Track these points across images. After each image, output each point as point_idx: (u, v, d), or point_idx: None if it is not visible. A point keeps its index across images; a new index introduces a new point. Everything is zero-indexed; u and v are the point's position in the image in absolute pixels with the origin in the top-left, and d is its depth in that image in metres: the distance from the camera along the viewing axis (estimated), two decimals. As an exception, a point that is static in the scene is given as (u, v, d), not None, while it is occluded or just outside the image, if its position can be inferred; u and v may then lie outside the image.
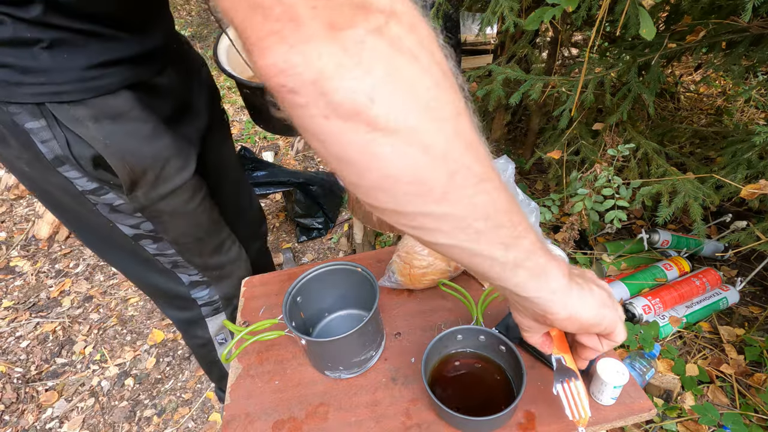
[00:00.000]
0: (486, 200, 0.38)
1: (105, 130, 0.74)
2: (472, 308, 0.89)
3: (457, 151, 0.35)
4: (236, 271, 1.15)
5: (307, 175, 2.35)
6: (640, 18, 1.12)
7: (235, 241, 1.14)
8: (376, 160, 0.32)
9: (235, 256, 1.14)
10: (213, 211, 1.03)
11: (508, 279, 0.43)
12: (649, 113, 1.54)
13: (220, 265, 1.10)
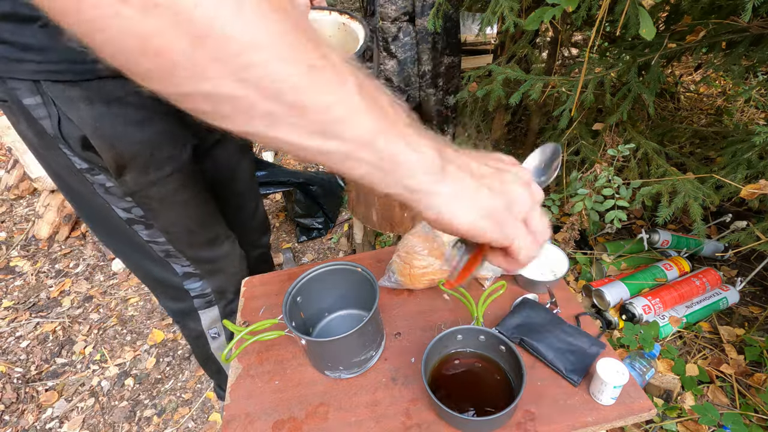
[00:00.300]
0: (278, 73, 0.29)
1: (97, 113, 0.74)
2: (472, 308, 0.89)
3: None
4: (229, 267, 1.14)
5: (307, 175, 2.35)
6: (639, 18, 1.12)
7: (229, 237, 1.13)
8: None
9: (228, 251, 1.13)
10: (208, 205, 1.03)
11: (350, 171, 0.36)
12: (649, 113, 1.54)
13: (212, 259, 1.09)
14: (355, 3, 6.49)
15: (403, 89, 2.06)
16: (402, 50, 1.94)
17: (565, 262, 1.02)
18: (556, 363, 0.82)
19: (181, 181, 0.92)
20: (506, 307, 0.97)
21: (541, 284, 0.98)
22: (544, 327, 0.88)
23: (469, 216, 0.39)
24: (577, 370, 0.81)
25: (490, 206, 0.40)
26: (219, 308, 1.19)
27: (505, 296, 0.99)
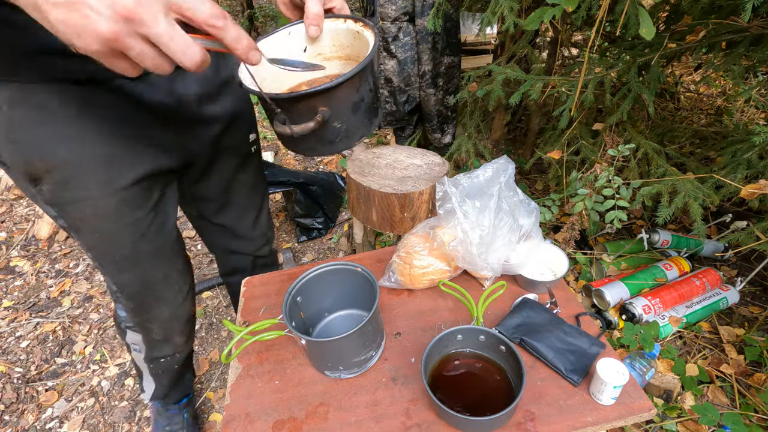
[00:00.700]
0: None
1: (18, 118, 0.68)
2: (472, 308, 0.89)
3: None
4: (157, 327, 1.05)
5: (307, 175, 2.35)
6: (639, 18, 1.12)
7: (169, 302, 1.01)
8: None
9: (165, 317, 1.03)
10: (159, 258, 0.90)
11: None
12: (649, 113, 1.54)
13: (142, 311, 1.00)
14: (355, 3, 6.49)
15: (403, 89, 2.06)
16: (402, 50, 1.94)
17: (565, 262, 1.02)
18: (556, 363, 0.82)
19: (113, 208, 0.80)
20: (506, 307, 0.97)
21: (541, 284, 0.98)
22: (544, 327, 0.88)
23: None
24: (577, 370, 0.81)
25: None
26: (144, 338, 1.10)
27: (505, 296, 0.99)
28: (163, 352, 1.16)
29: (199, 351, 1.79)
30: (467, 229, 0.94)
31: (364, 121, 0.67)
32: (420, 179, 1.47)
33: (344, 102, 0.62)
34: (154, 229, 0.88)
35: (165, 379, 1.28)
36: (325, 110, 0.60)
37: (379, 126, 2.23)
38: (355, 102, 0.63)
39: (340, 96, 0.60)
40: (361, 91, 0.63)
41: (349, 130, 0.66)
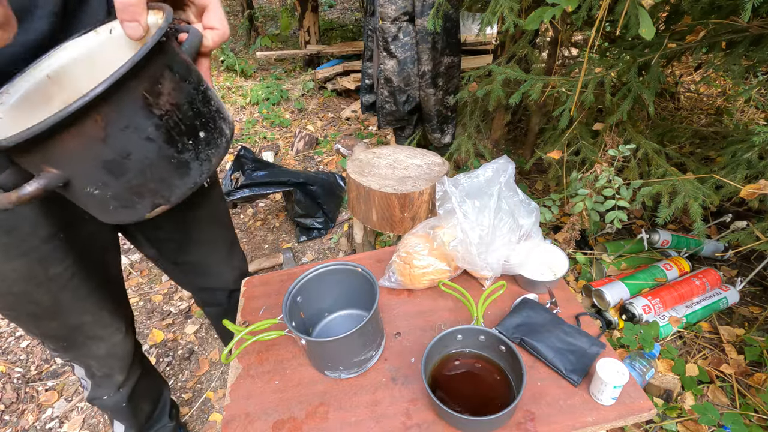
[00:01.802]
0: None
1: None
2: (472, 308, 0.89)
3: None
4: (93, 360, 0.96)
5: (307, 175, 2.35)
6: (639, 18, 1.12)
7: (98, 338, 0.92)
8: None
9: (104, 353, 0.95)
10: (65, 291, 0.80)
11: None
12: (649, 113, 1.54)
13: (65, 348, 0.91)
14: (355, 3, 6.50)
15: (403, 89, 2.06)
16: (402, 50, 1.94)
17: (565, 262, 1.02)
18: (556, 363, 0.82)
19: (25, 270, 0.72)
20: (506, 307, 0.97)
21: (541, 284, 0.98)
22: (544, 327, 0.88)
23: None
24: (577, 370, 0.81)
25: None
26: (85, 372, 1.02)
27: (505, 296, 0.99)
28: (107, 390, 1.06)
29: (199, 351, 1.79)
30: (467, 229, 0.94)
31: (147, 186, 0.47)
32: (420, 179, 1.47)
33: (84, 160, 0.42)
34: (79, 279, 0.80)
35: (133, 420, 1.19)
36: (55, 174, 0.41)
37: (379, 126, 2.23)
38: (109, 161, 0.43)
39: (69, 151, 0.40)
40: (118, 142, 0.42)
41: (124, 199, 0.47)
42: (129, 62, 0.39)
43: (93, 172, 0.43)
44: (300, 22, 4.19)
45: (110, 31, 0.52)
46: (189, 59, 0.50)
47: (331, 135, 3.29)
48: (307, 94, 3.92)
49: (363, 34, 2.24)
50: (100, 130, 0.40)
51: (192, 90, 0.48)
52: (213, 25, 0.55)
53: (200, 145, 0.49)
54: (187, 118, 0.47)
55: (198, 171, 0.50)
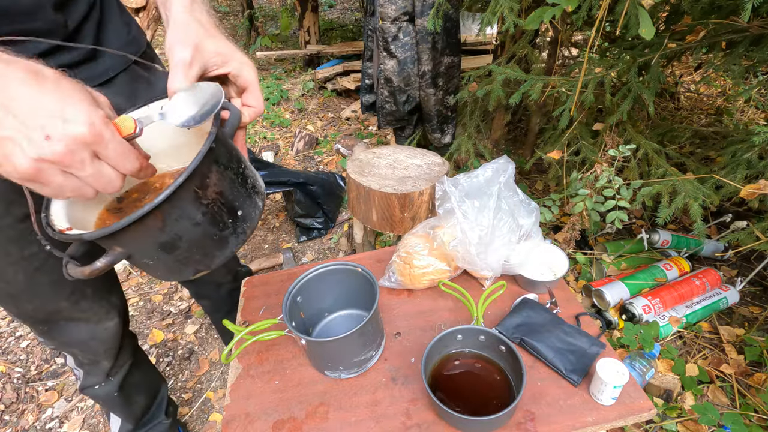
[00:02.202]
0: None
1: None
2: (472, 308, 0.89)
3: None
4: (75, 343, 0.96)
5: (307, 175, 2.35)
6: (639, 18, 1.12)
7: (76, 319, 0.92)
8: None
9: (87, 337, 0.95)
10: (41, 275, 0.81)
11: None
12: (649, 113, 1.54)
13: (46, 331, 0.92)
14: (355, 3, 6.49)
15: (403, 89, 2.06)
16: (402, 50, 1.94)
17: (565, 262, 1.02)
18: (556, 363, 0.83)
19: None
20: (506, 307, 0.97)
21: (541, 284, 0.98)
22: (544, 327, 0.88)
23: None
24: (577, 370, 0.81)
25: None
26: (74, 361, 1.03)
27: (505, 296, 0.99)
28: (97, 378, 1.06)
29: (199, 351, 1.79)
30: (466, 229, 0.94)
31: (192, 258, 0.54)
32: (420, 179, 1.47)
33: (144, 242, 0.50)
34: (54, 260, 0.79)
35: (127, 411, 1.19)
36: (120, 251, 0.50)
37: (379, 126, 2.23)
38: (164, 242, 0.50)
39: (133, 237, 0.48)
40: (173, 229, 0.50)
41: (172, 268, 0.55)
42: (186, 172, 0.46)
43: (150, 250, 0.51)
44: (300, 22, 4.19)
45: (162, 107, 0.57)
46: (231, 142, 0.55)
47: (331, 135, 3.29)
48: (307, 94, 3.92)
49: (363, 34, 2.24)
50: (159, 222, 0.48)
51: (233, 175, 0.55)
52: (251, 103, 0.60)
53: (238, 221, 0.56)
54: (228, 201, 0.54)
55: (234, 242, 0.57)
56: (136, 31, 0.84)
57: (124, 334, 1.05)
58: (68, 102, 0.39)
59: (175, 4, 0.55)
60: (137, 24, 0.86)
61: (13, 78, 0.38)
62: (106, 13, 0.76)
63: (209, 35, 0.55)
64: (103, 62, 0.75)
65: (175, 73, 0.52)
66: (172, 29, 0.54)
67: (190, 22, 0.55)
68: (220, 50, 0.55)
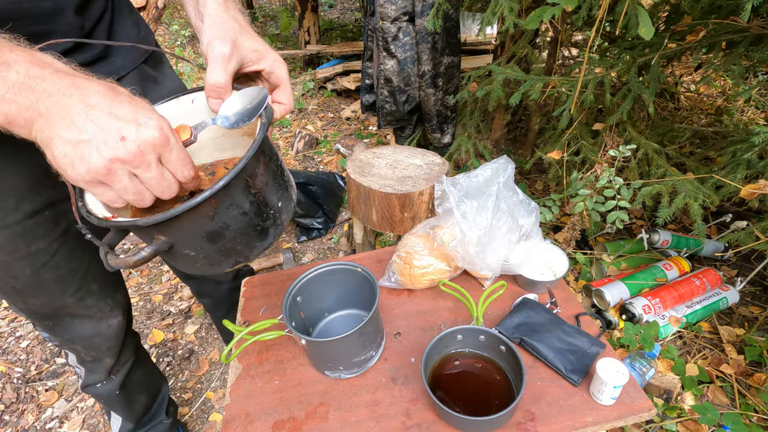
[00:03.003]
0: None
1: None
2: (472, 308, 0.89)
3: None
4: (78, 339, 0.96)
5: (307, 175, 2.36)
6: (639, 18, 1.12)
7: (80, 316, 0.93)
8: None
9: (78, 331, 0.95)
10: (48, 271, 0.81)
11: None
12: (649, 113, 1.54)
13: (52, 327, 0.93)
14: (355, 3, 6.49)
15: (403, 89, 2.06)
16: (402, 50, 1.94)
17: (565, 262, 1.02)
18: (556, 363, 0.83)
19: (7, 242, 0.74)
20: (506, 307, 0.97)
21: (541, 284, 0.98)
22: (544, 327, 0.88)
23: None
24: (577, 370, 0.81)
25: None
26: (77, 359, 1.04)
27: (505, 296, 0.99)
28: (99, 376, 1.07)
29: (199, 351, 1.79)
30: (465, 229, 0.94)
31: (235, 249, 0.56)
32: (420, 179, 1.47)
33: (191, 231, 0.51)
34: (61, 256, 0.81)
35: (128, 410, 1.19)
36: (163, 240, 0.50)
37: (379, 126, 2.23)
38: (211, 231, 0.51)
39: (182, 226, 0.49)
40: (222, 217, 0.51)
41: (212, 259, 0.56)
42: (244, 159, 0.47)
43: (196, 239, 0.52)
44: (300, 22, 4.19)
45: (192, 101, 0.60)
46: (269, 138, 0.57)
47: (331, 135, 3.30)
48: (307, 94, 3.92)
49: (363, 34, 2.24)
50: (211, 210, 0.49)
51: (275, 167, 0.57)
52: (282, 100, 0.62)
53: (278, 213, 0.58)
54: (271, 191, 0.56)
55: (273, 234, 0.59)
56: (144, 31, 0.85)
57: (127, 332, 1.06)
58: (141, 110, 0.44)
59: (209, 3, 0.57)
60: (145, 23, 0.87)
61: (92, 91, 0.42)
62: (117, 14, 0.78)
63: (245, 32, 0.57)
64: (114, 62, 0.76)
65: (213, 66, 0.54)
66: (209, 26, 0.56)
67: (227, 19, 0.57)
68: (256, 47, 0.57)
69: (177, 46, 4.84)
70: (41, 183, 0.73)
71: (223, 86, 0.55)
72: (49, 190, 0.74)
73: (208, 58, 0.55)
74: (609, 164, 1.46)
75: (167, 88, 0.87)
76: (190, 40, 4.91)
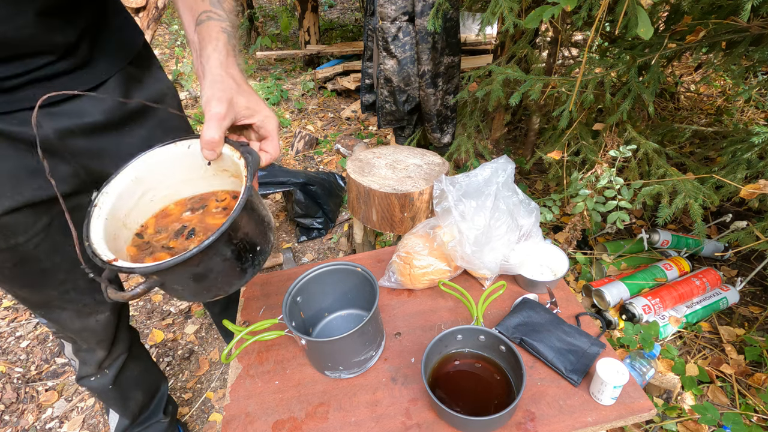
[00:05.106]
0: None
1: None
2: (472, 308, 0.89)
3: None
4: (69, 325, 0.97)
5: (307, 175, 2.35)
6: (638, 18, 1.12)
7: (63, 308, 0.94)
8: None
9: (66, 319, 0.97)
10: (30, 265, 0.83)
11: None
12: (649, 113, 1.54)
13: (45, 314, 0.95)
14: (355, 3, 6.50)
15: (403, 89, 2.06)
16: (402, 50, 1.94)
17: (565, 262, 1.02)
18: (556, 363, 0.82)
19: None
20: (506, 307, 0.97)
21: (541, 284, 0.98)
22: (544, 327, 0.88)
23: None
24: (577, 370, 0.81)
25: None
26: (72, 348, 1.05)
27: (505, 296, 0.99)
28: (91, 369, 1.08)
29: (199, 351, 1.79)
30: (463, 229, 0.94)
31: (216, 286, 0.64)
32: (420, 179, 1.47)
33: (180, 275, 0.59)
34: (42, 251, 0.83)
35: (123, 407, 1.20)
36: (156, 279, 0.58)
37: (379, 126, 2.23)
38: (197, 274, 0.60)
39: (173, 270, 0.56)
40: (206, 264, 0.59)
41: (196, 293, 0.66)
42: (227, 222, 0.56)
43: (183, 279, 0.61)
44: (300, 22, 4.19)
45: (188, 146, 0.69)
46: (254, 187, 0.63)
47: (331, 135, 3.29)
48: (307, 94, 3.92)
49: (363, 34, 2.24)
50: (197, 260, 0.57)
51: (256, 217, 0.65)
52: (269, 150, 0.69)
53: (256, 255, 0.66)
54: (250, 239, 0.64)
55: (251, 273, 0.68)
56: (130, 33, 0.84)
57: (118, 327, 1.06)
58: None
59: (212, 60, 0.64)
60: (133, 23, 0.86)
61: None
62: (101, 23, 0.78)
63: (240, 91, 0.64)
64: (97, 68, 0.77)
65: (210, 124, 0.61)
66: (209, 84, 0.63)
67: (225, 78, 0.64)
68: (250, 105, 0.65)
69: (177, 46, 4.84)
70: (25, 183, 0.75)
71: (217, 142, 0.62)
72: (33, 191, 0.76)
73: (206, 115, 0.62)
74: (609, 164, 1.46)
75: (152, 89, 0.88)
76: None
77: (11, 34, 0.64)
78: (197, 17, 0.68)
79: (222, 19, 0.69)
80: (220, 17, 0.69)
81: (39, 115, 0.72)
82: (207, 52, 0.65)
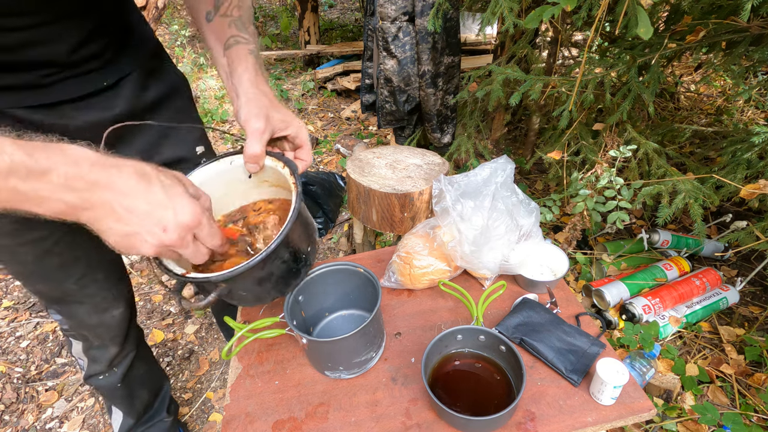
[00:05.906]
0: None
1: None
2: (472, 308, 0.89)
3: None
4: (87, 320, 0.99)
5: (307, 175, 2.36)
6: (638, 18, 1.12)
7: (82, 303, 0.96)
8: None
9: (84, 313, 0.98)
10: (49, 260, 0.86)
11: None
12: (649, 113, 1.54)
13: (63, 310, 0.97)
14: (355, 3, 6.49)
15: (403, 89, 2.06)
16: (402, 50, 1.94)
17: (565, 262, 1.02)
18: (556, 363, 0.82)
19: (11, 228, 0.78)
20: (506, 307, 0.97)
21: (541, 284, 0.98)
22: (544, 327, 0.88)
23: None
24: (577, 370, 0.81)
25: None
26: (82, 347, 1.06)
27: (505, 296, 0.99)
28: (101, 367, 1.09)
29: (199, 351, 1.79)
30: (462, 229, 0.94)
31: (276, 287, 0.72)
32: (420, 179, 1.47)
33: (246, 280, 0.66)
34: (64, 244, 0.85)
35: (129, 405, 1.20)
36: (224, 287, 0.64)
37: (379, 126, 2.23)
38: (260, 278, 0.67)
39: (241, 276, 0.62)
40: (269, 268, 0.67)
41: (260, 296, 0.73)
42: (286, 227, 0.63)
43: (248, 284, 0.68)
44: (300, 22, 4.19)
45: (230, 162, 0.76)
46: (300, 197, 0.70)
47: (331, 135, 3.30)
48: (307, 94, 3.92)
49: (363, 34, 2.24)
50: (262, 263, 0.63)
51: (304, 220, 0.71)
52: (303, 158, 0.76)
53: (308, 255, 0.75)
54: (303, 241, 0.72)
55: (304, 272, 0.78)
56: (145, 28, 0.87)
57: (130, 323, 1.08)
58: (174, 197, 0.54)
59: (244, 80, 0.69)
60: (144, 18, 0.88)
61: (127, 184, 0.51)
62: (123, 21, 0.81)
63: (274, 106, 0.70)
64: (121, 65, 0.80)
65: (252, 140, 0.68)
66: (245, 102, 0.68)
67: (259, 96, 0.69)
68: (284, 118, 0.71)
69: (177, 45, 4.84)
70: None
71: (260, 155, 0.69)
72: None
73: (247, 132, 0.68)
74: (609, 164, 1.46)
75: (167, 80, 0.92)
76: (190, 40, 4.90)
77: (59, 50, 0.68)
78: (225, 42, 0.73)
79: (248, 42, 0.74)
80: (246, 41, 0.74)
81: (71, 108, 0.76)
82: (238, 72, 0.70)
